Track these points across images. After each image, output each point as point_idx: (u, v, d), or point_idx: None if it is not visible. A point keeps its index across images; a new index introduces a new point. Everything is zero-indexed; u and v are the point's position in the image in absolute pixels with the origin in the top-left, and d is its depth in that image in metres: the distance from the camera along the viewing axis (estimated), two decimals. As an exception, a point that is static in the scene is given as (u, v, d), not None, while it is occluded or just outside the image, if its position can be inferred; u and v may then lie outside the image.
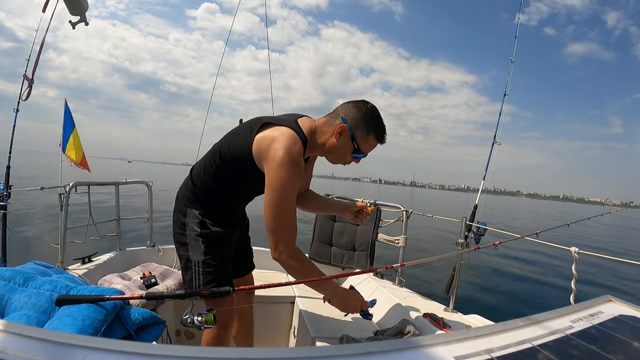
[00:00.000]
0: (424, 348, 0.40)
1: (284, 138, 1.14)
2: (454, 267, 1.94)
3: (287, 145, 1.12)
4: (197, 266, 1.31)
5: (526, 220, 22.88)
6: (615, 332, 0.50)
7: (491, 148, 2.61)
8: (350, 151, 1.24)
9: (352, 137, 1.21)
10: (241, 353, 0.35)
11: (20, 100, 2.26)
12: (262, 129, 1.19)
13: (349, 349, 0.39)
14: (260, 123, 1.21)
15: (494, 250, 1.66)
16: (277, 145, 1.13)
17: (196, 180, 1.35)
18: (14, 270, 1.26)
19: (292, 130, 1.17)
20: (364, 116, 1.20)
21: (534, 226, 16.71)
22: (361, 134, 1.21)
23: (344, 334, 1.56)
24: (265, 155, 1.15)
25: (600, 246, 9.61)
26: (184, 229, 1.35)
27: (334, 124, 1.22)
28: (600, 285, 5.22)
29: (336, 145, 1.22)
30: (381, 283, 2.14)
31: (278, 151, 1.12)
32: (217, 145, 1.33)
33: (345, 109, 1.23)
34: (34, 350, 0.34)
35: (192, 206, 1.34)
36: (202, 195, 1.34)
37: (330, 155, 1.29)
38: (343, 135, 1.21)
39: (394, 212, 2.31)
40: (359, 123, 1.20)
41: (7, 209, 2.47)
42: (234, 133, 1.30)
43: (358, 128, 1.20)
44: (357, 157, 1.27)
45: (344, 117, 1.20)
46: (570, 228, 2.44)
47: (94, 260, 2.11)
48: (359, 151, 1.23)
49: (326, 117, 1.26)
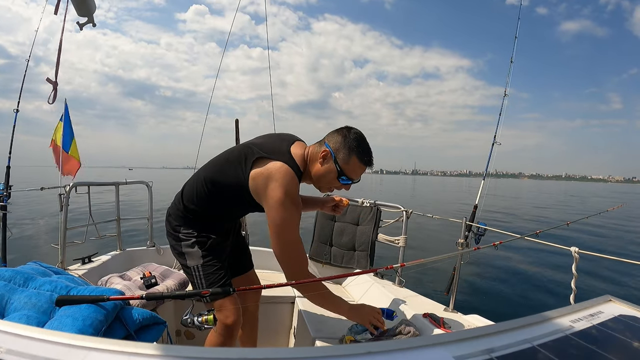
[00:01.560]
0: (424, 348, 0.40)
1: (281, 176, 1.15)
2: (454, 267, 1.94)
3: (284, 184, 1.15)
4: (197, 271, 1.32)
5: (535, 203, 22.14)
6: (615, 332, 0.50)
7: (491, 148, 2.60)
8: (335, 175, 1.24)
9: (335, 160, 1.22)
10: (241, 353, 0.35)
11: (48, 102, 2.34)
12: (256, 163, 1.20)
13: (349, 349, 0.39)
14: (254, 157, 1.21)
15: (494, 250, 1.66)
16: (274, 185, 1.15)
17: (187, 203, 1.35)
18: (14, 271, 1.26)
19: (287, 166, 1.18)
20: (345, 140, 1.22)
21: (541, 212, 16.60)
22: (343, 156, 1.22)
23: (344, 334, 1.56)
24: (264, 193, 1.17)
25: (604, 233, 9.56)
26: (179, 241, 1.36)
27: (320, 151, 1.24)
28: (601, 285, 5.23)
29: (321, 170, 1.24)
30: (381, 283, 2.14)
31: (276, 191, 1.14)
32: (207, 171, 1.33)
33: (330, 135, 1.26)
34: (34, 350, 0.34)
35: (185, 225, 1.36)
36: (194, 217, 1.35)
37: (319, 183, 1.30)
38: (326, 159, 1.23)
39: (394, 212, 2.31)
40: (340, 146, 1.22)
41: (7, 209, 2.47)
42: (224, 161, 1.31)
43: (339, 151, 1.22)
44: (346, 183, 1.28)
45: (327, 143, 1.24)
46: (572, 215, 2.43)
47: (94, 261, 2.11)
48: (342, 174, 1.23)
49: (315, 145, 1.29)
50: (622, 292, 5.10)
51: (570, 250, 1.38)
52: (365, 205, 2.46)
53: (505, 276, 5.66)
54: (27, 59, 2.80)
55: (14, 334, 0.36)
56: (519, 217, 13.95)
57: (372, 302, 2.01)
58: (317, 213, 2.59)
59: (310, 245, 2.56)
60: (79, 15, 1.87)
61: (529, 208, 18.93)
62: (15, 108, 2.80)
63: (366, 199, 2.49)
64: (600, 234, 9.44)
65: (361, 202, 2.49)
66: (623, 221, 12.24)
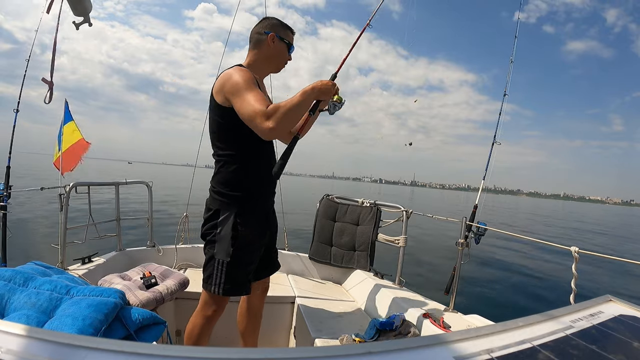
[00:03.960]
0: (424, 348, 0.40)
1: (230, 69, 1.37)
2: (454, 267, 1.94)
3: (235, 69, 1.35)
4: (221, 265, 1.37)
5: (531, 221, 22.29)
6: (615, 332, 0.50)
7: (491, 147, 2.60)
8: (285, 50, 1.47)
9: (280, 38, 1.45)
10: (241, 353, 0.35)
11: (44, 102, 2.32)
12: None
13: (349, 349, 0.39)
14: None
15: (494, 250, 1.66)
16: (229, 73, 1.34)
17: (218, 176, 1.41)
18: (14, 271, 1.26)
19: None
20: (274, 23, 1.47)
21: (539, 228, 16.61)
22: (283, 33, 1.46)
23: (344, 334, 1.56)
24: (226, 84, 1.31)
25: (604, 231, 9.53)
26: (215, 228, 1.39)
27: (262, 43, 1.44)
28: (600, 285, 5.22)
29: (275, 51, 1.45)
30: (381, 283, 2.14)
31: (231, 73, 1.33)
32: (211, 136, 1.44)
33: (258, 28, 1.46)
34: (34, 350, 0.34)
35: (224, 208, 1.39)
36: (228, 184, 1.39)
37: (276, 62, 1.49)
38: (275, 40, 1.44)
39: (394, 212, 2.31)
40: (277, 29, 1.45)
41: (7, 209, 2.47)
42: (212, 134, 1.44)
43: (279, 31, 1.45)
44: (290, 52, 1.50)
45: (266, 31, 1.44)
46: (573, 223, 2.44)
47: (94, 261, 2.11)
48: (290, 45, 1.48)
49: (249, 52, 1.47)
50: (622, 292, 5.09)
51: (570, 250, 1.38)
52: (365, 205, 2.46)
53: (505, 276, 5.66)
54: (27, 59, 2.79)
55: (13, 334, 0.36)
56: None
57: (373, 302, 2.02)
58: (317, 213, 2.59)
59: (310, 245, 2.56)
60: (74, 15, 1.86)
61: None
62: (15, 108, 2.78)
63: (366, 199, 2.49)
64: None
65: (361, 202, 2.49)
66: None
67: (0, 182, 2.52)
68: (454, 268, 1.93)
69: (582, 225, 20.38)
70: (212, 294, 1.38)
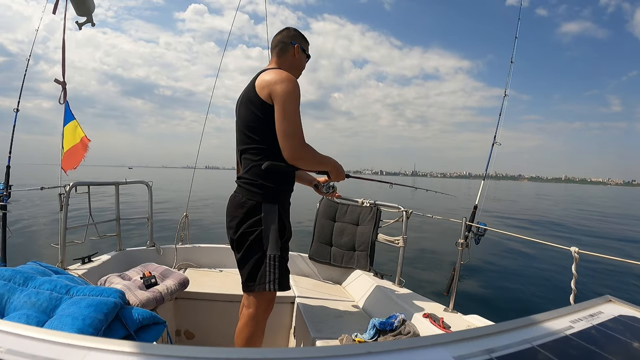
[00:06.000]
0: (424, 348, 0.40)
1: (287, 75, 1.42)
2: (454, 267, 1.94)
3: (292, 77, 1.41)
4: (274, 260, 1.38)
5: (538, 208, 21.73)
6: (615, 333, 0.50)
7: (491, 149, 2.60)
8: (305, 61, 1.62)
9: (302, 50, 1.58)
10: (241, 353, 0.35)
11: (59, 102, 2.36)
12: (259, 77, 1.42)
13: (349, 349, 0.39)
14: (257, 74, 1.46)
15: (494, 250, 1.66)
16: (280, 76, 1.38)
17: (255, 169, 1.41)
18: (14, 270, 1.26)
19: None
20: (296, 35, 1.57)
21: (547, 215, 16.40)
22: (305, 44, 1.60)
23: (343, 334, 1.56)
24: (273, 84, 1.35)
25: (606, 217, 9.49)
26: (259, 224, 1.39)
27: (287, 52, 1.54)
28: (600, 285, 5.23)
29: (297, 61, 1.57)
30: (381, 283, 2.14)
31: (283, 77, 1.37)
32: (239, 130, 1.47)
33: (283, 37, 1.54)
34: (34, 350, 0.34)
35: (265, 200, 1.40)
36: (268, 176, 1.40)
37: (297, 71, 1.58)
38: (298, 52, 1.56)
39: (394, 212, 2.31)
40: (299, 39, 1.57)
41: (7, 209, 2.47)
42: (240, 107, 1.47)
43: (301, 42, 1.57)
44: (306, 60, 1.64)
45: (293, 41, 1.54)
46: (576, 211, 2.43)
47: (94, 260, 2.11)
48: (308, 56, 1.63)
49: (275, 58, 1.55)
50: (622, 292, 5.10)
51: (570, 250, 1.38)
52: (365, 205, 2.46)
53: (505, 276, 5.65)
54: (27, 58, 2.80)
55: (13, 334, 0.36)
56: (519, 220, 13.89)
57: (372, 302, 2.02)
58: (317, 213, 2.59)
59: (310, 245, 2.56)
60: (78, 15, 1.87)
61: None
62: (16, 108, 2.79)
63: (366, 199, 2.49)
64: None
65: (361, 202, 2.49)
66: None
67: (0, 182, 2.53)
68: (454, 268, 1.94)
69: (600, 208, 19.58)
70: (267, 292, 1.38)
